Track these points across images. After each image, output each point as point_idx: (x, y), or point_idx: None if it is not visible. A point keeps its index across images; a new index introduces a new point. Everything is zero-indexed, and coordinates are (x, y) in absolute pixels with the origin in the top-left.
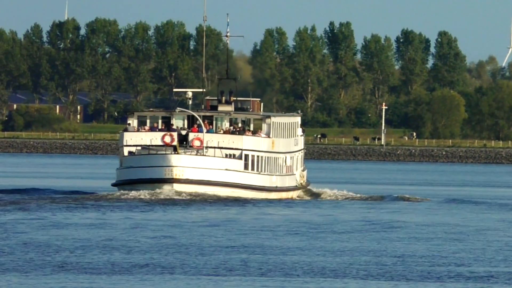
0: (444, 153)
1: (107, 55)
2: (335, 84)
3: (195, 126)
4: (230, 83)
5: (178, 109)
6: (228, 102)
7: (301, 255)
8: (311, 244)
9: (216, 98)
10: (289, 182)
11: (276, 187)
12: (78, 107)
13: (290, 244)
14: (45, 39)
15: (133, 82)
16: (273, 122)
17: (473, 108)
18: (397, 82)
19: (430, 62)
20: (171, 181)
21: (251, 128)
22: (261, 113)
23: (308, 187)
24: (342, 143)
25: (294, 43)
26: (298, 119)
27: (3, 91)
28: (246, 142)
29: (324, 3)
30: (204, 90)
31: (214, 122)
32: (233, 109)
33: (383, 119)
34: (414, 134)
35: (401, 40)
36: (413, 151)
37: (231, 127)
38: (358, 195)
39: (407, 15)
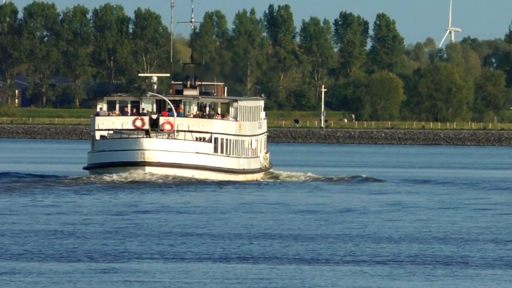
0: (383, 135)
1: (45, 39)
2: (275, 67)
3: (166, 110)
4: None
5: (149, 93)
6: (193, 87)
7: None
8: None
9: (181, 82)
10: (254, 164)
11: (244, 169)
12: (16, 91)
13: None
14: None
15: (71, 66)
16: (240, 106)
17: (412, 90)
18: (336, 65)
19: (369, 44)
20: (144, 164)
21: (219, 112)
22: (228, 97)
23: (271, 170)
24: (282, 125)
25: (234, 27)
26: (261, 103)
27: None
28: (215, 125)
29: None
30: (169, 75)
31: (182, 106)
32: (198, 94)
33: (323, 101)
34: (353, 116)
35: (340, 23)
36: (352, 133)
37: (200, 112)
38: (320, 176)
39: None
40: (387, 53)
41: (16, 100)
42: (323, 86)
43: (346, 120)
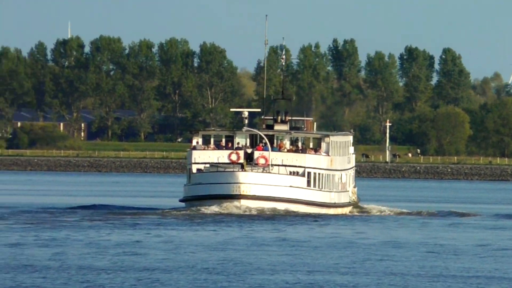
0: (449, 170)
1: (111, 73)
2: (339, 101)
3: (260, 144)
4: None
5: (245, 128)
6: (284, 122)
7: None
8: None
9: (272, 117)
10: (344, 198)
11: (335, 203)
12: (82, 124)
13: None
14: (49, 57)
15: (137, 99)
16: (331, 141)
17: (478, 125)
18: (401, 99)
19: (435, 79)
20: (239, 197)
21: (311, 147)
22: (320, 132)
23: (359, 204)
24: None
25: (298, 60)
26: (350, 138)
27: (8, 109)
28: (309, 160)
29: (328, 20)
30: (260, 110)
31: (274, 141)
32: (288, 128)
33: (387, 136)
34: (419, 150)
35: (405, 57)
36: (418, 168)
37: (292, 146)
38: (408, 211)
39: (411, 32)
40: (453, 88)
41: (82, 133)
42: (388, 120)
43: (411, 155)
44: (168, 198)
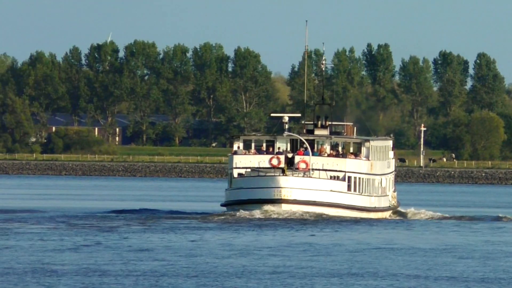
0: (483, 174)
1: (146, 77)
2: (374, 106)
3: (301, 149)
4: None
5: (286, 133)
6: (324, 126)
7: None
8: None
9: (312, 122)
10: (384, 202)
11: (375, 207)
12: (117, 129)
13: None
14: (83, 61)
15: (171, 104)
16: (371, 145)
17: None
18: (435, 104)
19: (469, 83)
20: (280, 201)
21: (351, 151)
22: (360, 137)
23: (398, 208)
24: None
25: (333, 65)
26: (390, 143)
27: (42, 114)
28: (349, 164)
29: (363, 25)
30: (300, 115)
31: (315, 145)
32: (328, 133)
33: (422, 140)
34: (453, 155)
35: (439, 62)
36: (452, 172)
37: (332, 151)
38: (450, 215)
39: (445, 37)
40: (487, 92)
41: (117, 138)
42: (422, 125)
43: (445, 159)
44: (212, 202)
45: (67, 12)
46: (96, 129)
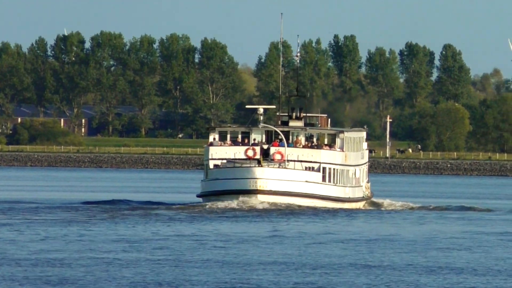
0: (449, 165)
1: (112, 68)
2: (340, 97)
3: (276, 141)
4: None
5: (261, 125)
6: (298, 118)
7: None
8: None
9: (287, 114)
10: (358, 193)
11: (349, 198)
12: (83, 120)
13: None
14: (49, 52)
15: (138, 95)
16: (345, 137)
17: (478, 121)
18: (401, 95)
19: (435, 75)
20: (256, 192)
21: (326, 143)
22: (335, 129)
23: (372, 199)
24: None
25: (306, 56)
26: (364, 134)
27: (8, 105)
28: (324, 155)
29: (329, 17)
30: (275, 106)
31: (290, 137)
32: (303, 125)
33: (388, 131)
34: (419, 146)
35: (406, 53)
36: (418, 163)
37: (307, 142)
38: (419, 205)
39: (411, 28)
40: (453, 84)
41: (83, 129)
42: (388, 116)
43: (411, 150)
44: (186, 194)
45: (33, 2)
46: (62, 120)
